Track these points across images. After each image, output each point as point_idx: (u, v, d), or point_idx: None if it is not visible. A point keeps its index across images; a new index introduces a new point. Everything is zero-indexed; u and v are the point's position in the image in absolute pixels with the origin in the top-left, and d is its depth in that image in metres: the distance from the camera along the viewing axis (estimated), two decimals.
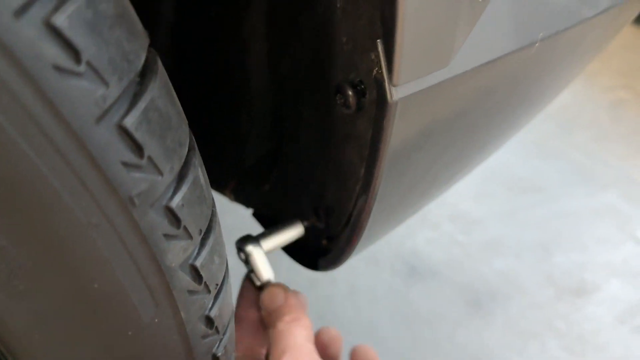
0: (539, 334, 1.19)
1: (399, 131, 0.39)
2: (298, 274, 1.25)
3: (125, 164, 0.25)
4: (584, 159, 1.75)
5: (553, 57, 0.47)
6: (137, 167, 0.26)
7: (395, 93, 0.36)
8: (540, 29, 0.42)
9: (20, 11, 0.21)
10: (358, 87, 0.40)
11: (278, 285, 0.54)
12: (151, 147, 0.26)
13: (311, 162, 0.53)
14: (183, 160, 0.30)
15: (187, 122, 0.32)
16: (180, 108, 0.31)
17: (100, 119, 0.24)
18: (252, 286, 0.56)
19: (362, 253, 1.30)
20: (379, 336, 1.12)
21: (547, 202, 1.57)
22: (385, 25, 0.33)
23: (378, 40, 0.35)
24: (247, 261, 0.54)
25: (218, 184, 0.69)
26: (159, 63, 0.29)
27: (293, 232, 0.56)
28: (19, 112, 0.21)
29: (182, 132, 0.30)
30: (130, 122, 0.25)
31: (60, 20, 0.22)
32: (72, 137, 0.23)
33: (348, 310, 1.17)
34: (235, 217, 1.30)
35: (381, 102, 0.37)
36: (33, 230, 0.24)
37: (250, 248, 0.54)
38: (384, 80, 0.36)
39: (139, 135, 0.25)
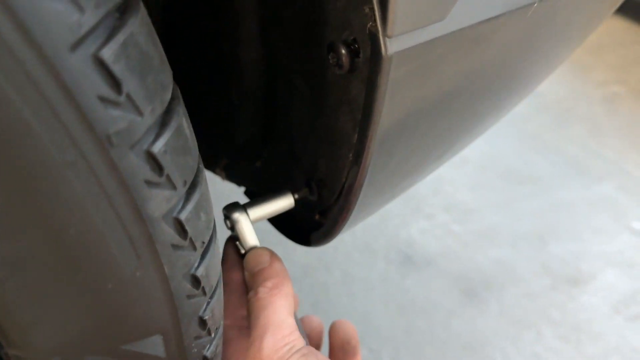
0: (534, 323, 1.18)
1: (393, 90, 0.38)
2: (292, 263, 1.24)
3: (102, 99, 0.24)
4: (579, 152, 1.74)
5: (552, 19, 0.45)
6: (115, 104, 0.24)
7: (390, 46, 0.34)
8: None
9: None
10: (352, 46, 0.39)
11: (264, 248, 0.53)
12: (130, 84, 0.25)
13: (303, 134, 0.52)
14: (166, 104, 0.28)
15: (171, 73, 0.31)
16: (164, 54, 0.30)
17: (75, 46, 0.22)
18: (237, 253, 0.55)
19: (357, 242, 1.29)
20: (374, 325, 1.11)
21: (542, 193, 1.56)
22: None
23: None
24: (232, 228, 0.53)
25: (208, 162, 0.67)
26: (141, 4, 0.28)
27: (282, 203, 0.55)
28: None
29: (165, 76, 0.28)
30: (107, 53, 0.23)
31: None
32: (45, 63, 0.22)
33: (343, 298, 1.16)
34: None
35: (375, 58, 0.36)
36: (0, 166, 0.23)
37: (237, 215, 0.52)
38: (378, 32, 0.34)
39: (117, 69, 0.24)
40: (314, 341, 0.62)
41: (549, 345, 1.14)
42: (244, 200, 0.57)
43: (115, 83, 0.24)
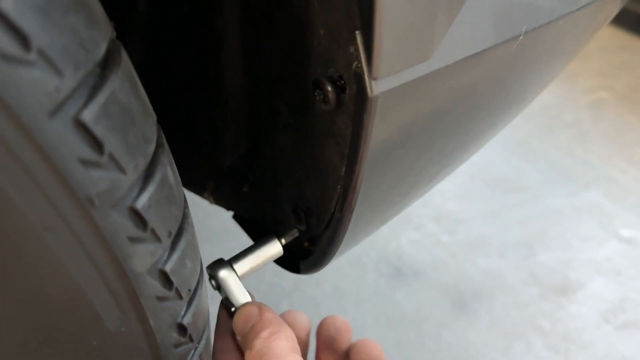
0: (524, 333, 1.19)
1: (379, 127, 0.38)
2: (282, 278, 1.24)
3: (83, 161, 0.23)
4: (566, 159, 1.75)
5: (536, 51, 0.46)
6: (96, 165, 0.24)
7: (376, 87, 0.34)
8: (524, 22, 0.41)
9: None
10: (337, 83, 0.39)
11: (251, 303, 0.48)
12: (112, 143, 0.24)
13: (290, 162, 0.51)
14: (149, 157, 0.28)
15: (155, 117, 0.30)
16: (147, 102, 0.29)
17: (54, 112, 0.22)
18: (228, 313, 0.50)
19: (347, 255, 1.29)
20: (365, 337, 1.10)
21: (530, 201, 1.57)
22: (363, 16, 0.32)
23: (357, 32, 0.33)
24: (219, 288, 0.50)
25: (196, 186, 0.67)
26: (123, 54, 0.27)
27: (270, 252, 0.52)
28: None
29: (148, 128, 0.28)
30: (88, 115, 0.23)
31: (7, 3, 0.20)
32: (23, 132, 0.21)
33: (333, 312, 1.16)
34: (221, 221, 1.28)
35: (361, 97, 0.36)
36: None
37: (224, 274, 0.49)
38: (363, 74, 0.34)
39: (98, 130, 0.23)
40: (341, 343, 0.56)
41: (539, 355, 1.14)
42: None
43: (96, 144, 0.24)
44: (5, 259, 0.23)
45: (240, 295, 0.49)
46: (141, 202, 0.26)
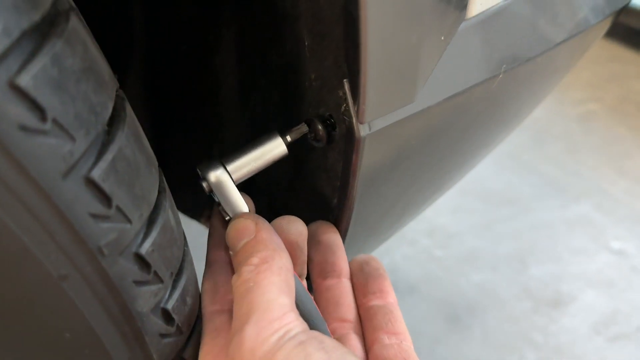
0: (517, 347, 1.21)
1: (368, 164, 0.40)
2: None
3: (94, 215, 0.25)
4: (557, 171, 1.78)
5: (517, 86, 0.48)
6: (105, 218, 0.26)
7: (363, 130, 0.37)
8: (503, 61, 0.43)
9: None
10: (328, 121, 0.41)
11: (247, 215, 0.42)
12: (119, 197, 0.27)
13: (283, 192, 0.54)
14: (152, 205, 0.30)
15: (156, 164, 0.33)
16: (150, 151, 0.32)
17: (67, 173, 0.24)
18: (223, 222, 0.44)
19: None
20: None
21: (521, 214, 1.59)
22: (350, 66, 0.34)
23: (344, 80, 0.35)
24: (211, 192, 0.42)
25: (193, 212, 0.69)
26: (128, 108, 0.30)
27: (271, 150, 0.43)
28: None
29: (152, 177, 0.30)
30: (97, 173, 0.25)
31: (25, 80, 0.22)
32: (40, 193, 0.23)
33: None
34: None
35: (349, 138, 0.38)
36: (0, 284, 0.24)
37: (216, 177, 0.41)
38: (351, 118, 0.36)
39: (106, 186, 0.26)
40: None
41: None
42: None
43: (105, 198, 0.26)
44: (26, 308, 0.25)
45: (235, 201, 0.42)
46: (145, 248, 0.28)
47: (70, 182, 0.24)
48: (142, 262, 0.29)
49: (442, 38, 0.36)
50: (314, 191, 0.48)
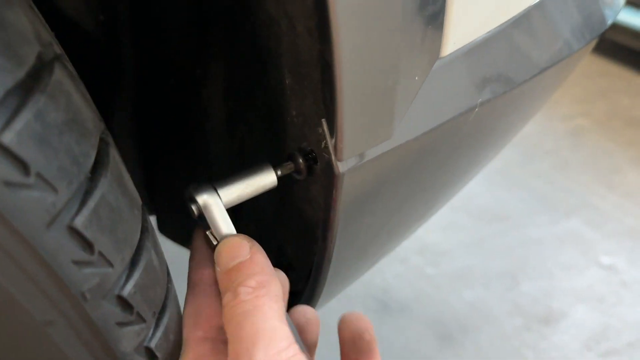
0: None
1: (348, 198, 0.41)
2: None
3: (76, 262, 0.26)
4: (547, 187, 1.80)
5: (494, 116, 0.50)
6: (87, 264, 0.27)
7: (342, 166, 0.38)
8: (479, 95, 0.44)
9: None
10: (310, 155, 0.42)
11: (242, 236, 0.41)
12: (102, 242, 0.27)
13: (269, 220, 0.55)
14: (135, 247, 0.31)
15: (140, 204, 0.33)
16: (134, 192, 0.33)
17: (50, 224, 0.25)
18: (208, 245, 0.44)
19: None
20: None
21: (512, 230, 1.61)
22: (327, 107, 0.35)
23: (323, 120, 0.37)
24: (200, 216, 0.42)
25: (183, 239, 0.70)
26: (112, 152, 0.31)
27: (262, 180, 0.44)
28: None
29: (134, 219, 0.31)
30: (80, 222, 0.26)
31: (9, 137, 0.23)
32: (24, 244, 0.24)
33: (321, 349, 1.17)
34: None
35: (329, 173, 0.39)
36: None
37: (206, 198, 0.41)
38: (330, 155, 0.38)
39: (89, 234, 0.27)
40: (310, 335, 0.50)
41: None
42: None
43: (87, 245, 0.27)
44: (12, 353, 0.26)
45: (223, 225, 0.42)
46: (127, 290, 0.29)
47: (54, 231, 0.25)
48: (125, 304, 0.29)
49: (416, 78, 0.38)
50: (299, 220, 0.50)
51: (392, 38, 0.34)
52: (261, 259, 0.39)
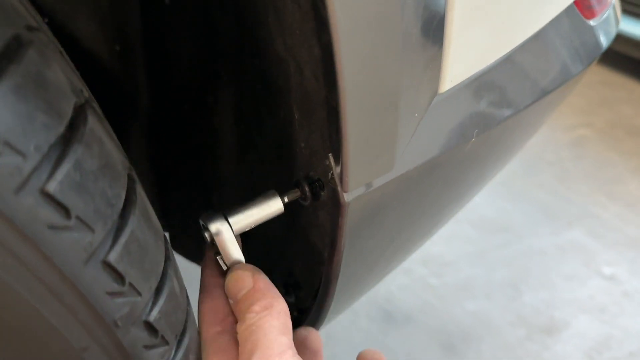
0: None
1: (354, 224, 0.44)
2: None
3: (110, 294, 0.29)
4: (549, 198, 1.82)
5: (491, 144, 0.52)
6: (119, 294, 0.30)
7: (347, 197, 0.41)
8: (475, 126, 0.47)
9: (20, 187, 0.25)
10: (317, 183, 0.45)
11: (244, 267, 0.46)
12: (131, 274, 0.31)
13: (277, 242, 0.57)
14: (160, 275, 0.34)
15: (162, 234, 0.37)
16: (157, 224, 0.36)
17: (87, 260, 0.28)
18: (218, 269, 0.48)
19: None
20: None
21: (514, 241, 1.63)
22: (333, 144, 0.38)
23: (329, 154, 0.40)
24: (212, 242, 0.46)
25: (194, 257, 0.73)
26: (138, 189, 0.34)
27: (269, 208, 0.47)
28: (20, 269, 0.25)
29: (159, 250, 0.34)
30: (113, 257, 0.29)
31: (53, 187, 0.26)
32: (63, 279, 0.27)
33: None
34: None
35: (336, 203, 0.42)
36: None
37: (218, 226, 0.45)
38: (336, 187, 0.41)
39: (121, 267, 0.30)
40: (312, 349, 0.55)
41: None
42: None
43: (119, 278, 0.30)
44: None
45: (233, 252, 0.46)
46: (153, 316, 0.32)
47: (90, 267, 0.28)
48: (151, 328, 0.32)
49: (416, 115, 0.41)
50: (306, 243, 0.52)
51: (394, 82, 0.37)
52: (262, 285, 0.44)
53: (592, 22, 0.61)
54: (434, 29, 0.38)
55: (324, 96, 0.37)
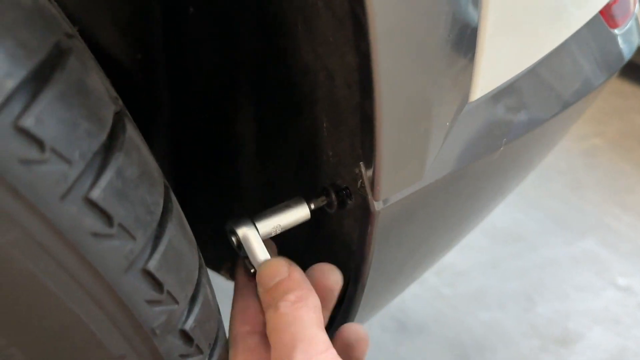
0: None
1: (382, 232, 0.44)
2: None
3: (149, 302, 0.29)
4: (562, 207, 1.81)
5: (518, 153, 0.52)
6: (158, 302, 0.30)
7: (377, 205, 0.41)
8: (504, 135, 0.47)
9: (65, 194, 0.25)
10: (344, 191, 0.45)
11: (280, 258, 0.46)
12: (169, 282, 0.30)
13: (303, 254, 0.57)
14: (194, 284, 0.34)
15: (195, 244, 0.36)
16: (191, 233, 0.36)
17: (127, 269, 0.28)
18: (247, 275, 0.47)
19: None
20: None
21: (527, 251, 1.62)
22: (365, 152, 0.38)
23: (360, 163, 0.39)
24: (239, 246, 0.46)
25: (214, 264, 0.72)
26: (173, 197, 0.34)
27: (296, 214, 0.47)
28: (63, 276, 0.25)
29: (194, 258, 0.34)
30: (153, 265, 0.29)
31: (97, 194, 0.26)
32: (104, 287, 0.27)
33: None
34: None
35: (365, 211, 0.42)
36: None
37: (245, 231, 0.45)
38: (367, 195, 0.40)
39: (159, 275, 0.30)
40: (358, 353, 0.51)
41: None
42: None
43: (158, 286, 0.30)
44: None
45: (262, 255, 0.46)
46: (189, 324, 0.32)
47: (131, 275, 0.28)
48: (187, 337, 0.32)
49: (447, 124, 0.40)
50: (331, 251, 0.52)
51: (428, 90, 0.36)
52: (298, 276, 0.43)
53: (616, 31, 0.61)
54: (467, 38, 0.38)
55: (356, 104, 0.37)
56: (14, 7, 0.26)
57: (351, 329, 0.51)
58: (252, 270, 0.46)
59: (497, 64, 0.43)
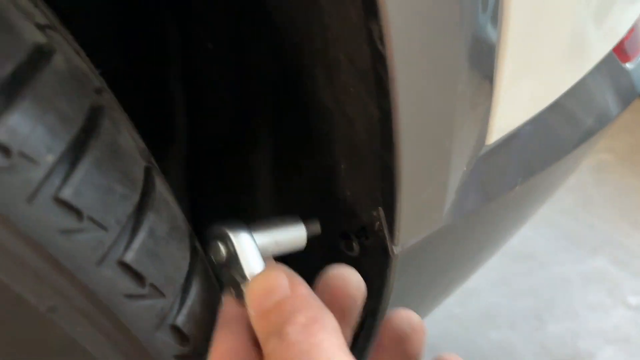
0: None
1: (399, 273, 0.45)
2: None
3: (176, 357, 0.30)
4: (572, 224, 1.81)
5: (533, 190, 0.53)
6: (185, 357, 0.30)
7: (396, 249, 0.41)
8: (519, 175, 0.48)
9: (101, 259, 0.26)
10: (362, 232, 0.45)
11: (277, 268, 0.34)
12: (196, 336, 0.31)
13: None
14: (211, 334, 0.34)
15: (219, 294, 0.37)
16: (216, 283, 0.36)
17: (158, 326, 0.29)
18: (235, 300, 0.34)
19: None
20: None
21: (538, 269, 1.62)
22: (385, 198, 0.39)
23: (379, 207, 0.40)
24: (229, 260, 0.35)
25: None
26: (199, 247, 0.34)
27: (293, 234, 0.42)
28: (100, 339, 0.26)
29: (214, 307, 0.35)
30: (180, 321, 0.30)
31: (130, 257, 0.27)
32: (136, 345, 0.28)
33: None
34: None
35: (384, 255, 0.42)
36: None
37: (244, 238, 0.35)
38: (385, 239, 0.41)
39: (186, 329, 0.30)
40: (414, 345, 0.42)
41: None
42: None
43: (185, 340, 0.30)
44: None
45: (259, 267, 0.35)
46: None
47: (160, 332, 0.29)
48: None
49: (465, 168, 0.41)
50: None
51: (447, 141, 0.37)
52: (305, 290, 0.33)
53: (628, 65, 0.62)
54: (484, 90, 0.38)
55: (376, 150, 0.37)
56: (50, 74, 0.26)
57: (403, 315, 0.41)
58: (242, 288, 0.34)
59: (513, 107, 0.44)
